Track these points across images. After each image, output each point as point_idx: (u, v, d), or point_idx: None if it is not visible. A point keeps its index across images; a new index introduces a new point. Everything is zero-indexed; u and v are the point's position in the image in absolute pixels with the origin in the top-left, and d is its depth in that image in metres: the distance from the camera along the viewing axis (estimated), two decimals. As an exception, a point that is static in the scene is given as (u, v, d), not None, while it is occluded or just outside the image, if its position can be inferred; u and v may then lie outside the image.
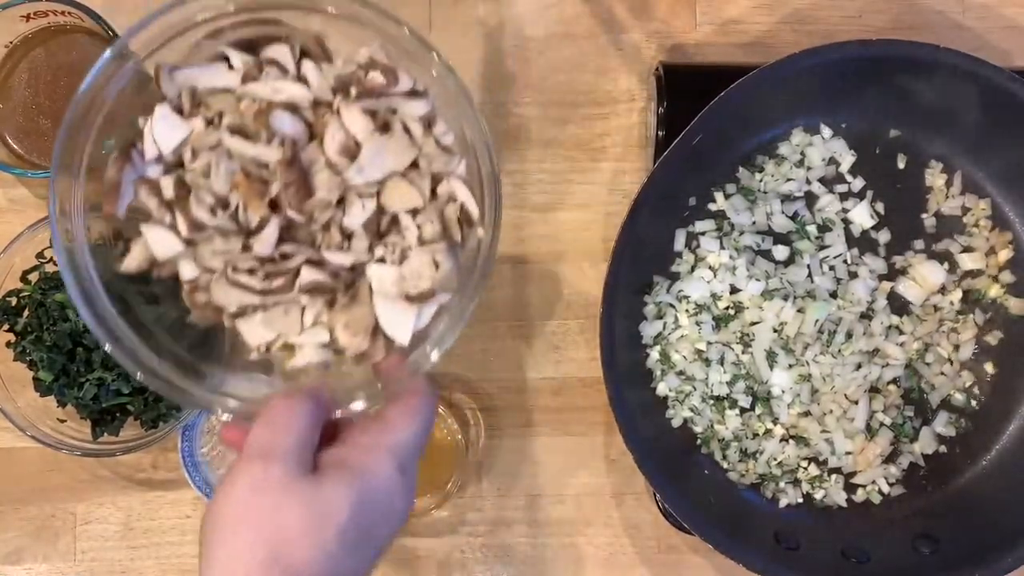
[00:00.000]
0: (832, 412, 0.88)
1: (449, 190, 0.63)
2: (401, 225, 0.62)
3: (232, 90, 0.61)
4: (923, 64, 0.82)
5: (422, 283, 0.62)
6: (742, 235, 0.88)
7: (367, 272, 0.62)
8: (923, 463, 0.89)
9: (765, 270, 0.88)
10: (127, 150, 0.61)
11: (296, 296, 0.61)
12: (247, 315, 0.62)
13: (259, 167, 0.60)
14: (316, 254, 0.61)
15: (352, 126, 0.60)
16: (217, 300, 0.61)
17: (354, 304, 0.62)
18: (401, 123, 0.62)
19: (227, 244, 0.60)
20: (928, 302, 0.89)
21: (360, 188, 0.61)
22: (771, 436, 0.88)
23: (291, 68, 0.62)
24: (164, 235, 0.61)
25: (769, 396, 0.87)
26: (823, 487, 0.88)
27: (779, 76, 0.82)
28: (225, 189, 0.60)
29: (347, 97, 0.60)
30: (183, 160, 0.61)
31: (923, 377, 0.89)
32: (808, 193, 0.89)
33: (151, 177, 0.61)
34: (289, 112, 0.60)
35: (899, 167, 0.90)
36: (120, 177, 0.60)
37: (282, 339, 0.63)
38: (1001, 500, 0.86)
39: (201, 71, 0.62)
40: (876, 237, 0.89)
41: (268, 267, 0.61)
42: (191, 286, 0.62)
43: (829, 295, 0.88)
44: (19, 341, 0.84)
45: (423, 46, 0.61)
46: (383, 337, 0.63)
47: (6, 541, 0.91)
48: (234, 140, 0.60)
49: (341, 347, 0.62)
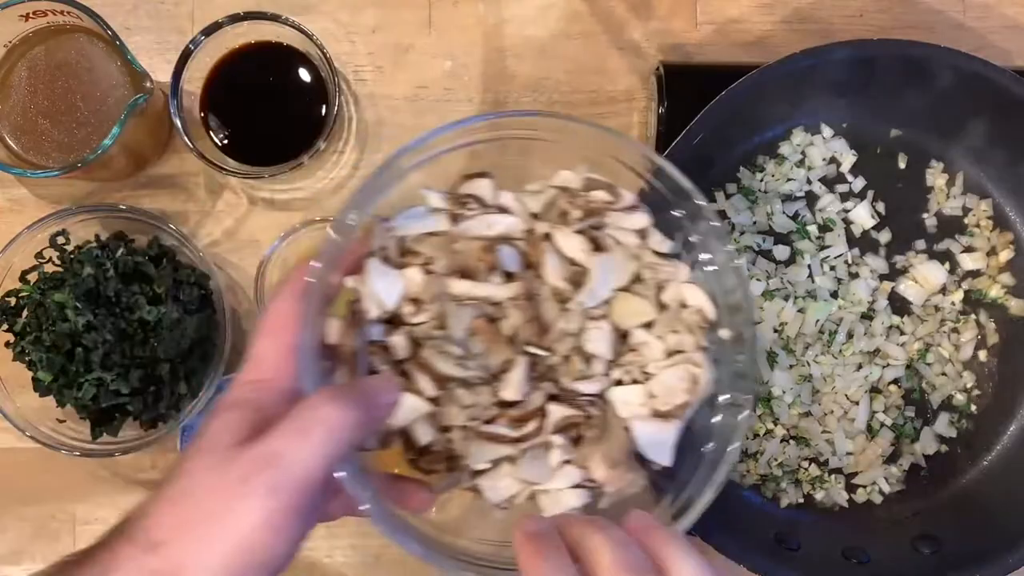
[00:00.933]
0: (833, 412, 0.88)
1: (679, 296, 0.60)
2: (635, 341, 0.59)
3: (442, 233, 0.58)
4: (924, 64, 0.82)
5: (675, 398, 0.58)
6: (743, 235, 0.88)
7: (608, 397, 0.58)
8: (924, 463, 0.88)
9: (766, 270, 0.87)
10: (352, 314, 0.57)
11: (546, 438, 0.57)
12: (494, 469, 0.58)
13: (491, 307, 0.57)
14: (559, 388, 0.58)
15: (569, 249, 0.58)
16: (464, 459, 0.57)
17: (607, 434, 0.58)
18: (612, 238, 0.60)
19: (474, 396, 0.56)
20: (929, 302, 0.89)
21: (592, 311, 0.58)
22: (772, 436, 0.87)
23: (491, 200, 0.60)
24: (405, 399, 0.56)
25: (770, 396, 0.87)
26: (824, 487, 0.88)
27: (779, 76, 0.82)
28: (465, 336, 0.56)
29: (563, 219, 0.58)
30: (403, 315, 0.57)
31: (924, 378, 0.89)
32: (809, 193, 0.89)
33: (378, 339, 0.57)
34: (508, 245, 0.58)
35: (900, 167, 0.90)
36: (354, 344, 0.56)
37: (528, 489, 0.58)
38: (1001, 500, 0.86)
39: (406, 218, 0.59)
40: (877, 237, 0.89)
41: (513, 412, 0.57)
42: (419, 453, 0.58)
43: (830, 295, 0.88)
44: (18, 341, 0.84)
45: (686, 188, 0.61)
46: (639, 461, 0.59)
47: (6, 541, 0.91)
48: (462, 284, 0.56)
49: (598, 482, 0.58)
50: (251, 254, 0.92)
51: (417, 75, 0.92)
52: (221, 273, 0.91)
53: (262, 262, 0.88)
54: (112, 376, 0.82)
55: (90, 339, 0.82)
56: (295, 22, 0.84)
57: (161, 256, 0.87)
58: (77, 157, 0.82)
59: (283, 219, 0.92)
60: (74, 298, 0.81)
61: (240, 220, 0.92)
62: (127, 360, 0.83)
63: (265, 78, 0.89)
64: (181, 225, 0.91)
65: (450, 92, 0.92)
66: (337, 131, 0.90)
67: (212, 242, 0.92)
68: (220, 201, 0.92)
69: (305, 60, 0.88)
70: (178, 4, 0.92)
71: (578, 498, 0.58)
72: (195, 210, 0.92)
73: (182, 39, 0.91)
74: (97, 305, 0.83)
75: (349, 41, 0.92)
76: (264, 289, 0.88)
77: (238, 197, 0.92)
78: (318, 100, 0.88)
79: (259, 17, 0.85)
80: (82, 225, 0.87)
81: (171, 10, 0.92)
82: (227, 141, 0.89)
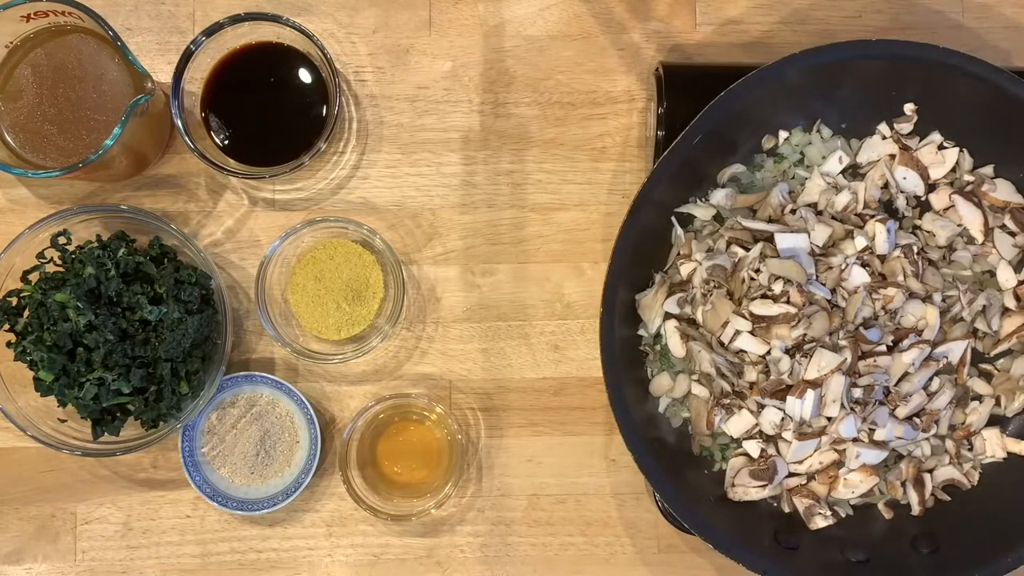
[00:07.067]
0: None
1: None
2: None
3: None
4: (923, 64, 0.82)
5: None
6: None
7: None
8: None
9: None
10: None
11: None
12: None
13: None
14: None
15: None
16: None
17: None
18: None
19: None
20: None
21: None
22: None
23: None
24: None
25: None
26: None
27: (779, 76, 0.82)
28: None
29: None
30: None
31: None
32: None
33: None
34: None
35: (899, 167, 0.90)
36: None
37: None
38: (1001, 500, 0.86)
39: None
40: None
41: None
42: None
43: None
44: (20, 341, 0.84)
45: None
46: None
47: (6, 541, 0.91)
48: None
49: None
50: (252, 254, 0.92)
51: (417, 75, 0.93)
52: (222, 273, 0.91)
53: (263, 262, 0.88)
54: (113, 376, 0.83)
55: (91, 339, 0.82)
56: (295, 23, 0.85)
57: (162, 256, 0.87)
58: (79, 157, 0.82)
59: (284, 219, 0.92)
60: (75, 298, 0.82)
61: (241, 220, 0.92)
62: (128, 360, 0.83)
63: (266, 78, 0.89)
64: (182, 225, 0.92)
65: (450, 92, 0.93)
66: (337, 131, 0.90)
67: (213, 242, 0.92)
68: (221, 201, 0.92)
69: (306, 60, 0.88)
70: (179, 5, 0.92)
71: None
72: (196, 210, 0.92)
73: (183, 40, 0.91)
74: (98, 305, 0.83)
75: (349, 42, 0.92)
76: (265, 289, 0.88)
77: (239, 197, 0.92)
78: (319, 100, 0.88)
79: (260, 18, 0.85)
80: (83, 225, 0.88)
81: (172, 11, 0.92)
82: (228, 141, 0.89)
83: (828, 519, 0.84)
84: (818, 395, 0.81)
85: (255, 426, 0.90)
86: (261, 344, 0.92)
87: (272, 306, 0.89)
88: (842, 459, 0.84)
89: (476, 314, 0.92)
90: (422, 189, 0.92)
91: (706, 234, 0.87)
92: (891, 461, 0.87)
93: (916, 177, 0.86)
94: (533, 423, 0.92)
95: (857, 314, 0.83)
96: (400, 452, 0.91)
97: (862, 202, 0.85)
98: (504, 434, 0.92)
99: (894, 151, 0.87)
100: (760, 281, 0.83)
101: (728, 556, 0.80)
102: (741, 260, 0.84)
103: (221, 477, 0.91)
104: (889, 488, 0.86)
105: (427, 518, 0.91)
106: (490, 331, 0.92)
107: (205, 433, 0.90)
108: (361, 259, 0.90)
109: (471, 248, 0.92)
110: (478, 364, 0.92)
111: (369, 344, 0.89)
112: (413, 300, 0.92)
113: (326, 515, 0.92)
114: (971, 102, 0.84)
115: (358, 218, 0.91)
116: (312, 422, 0.89)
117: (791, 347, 0.82)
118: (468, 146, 0.92)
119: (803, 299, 0.81)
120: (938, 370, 0.85)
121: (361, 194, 0.92)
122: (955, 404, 0.86)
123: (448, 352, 0.92)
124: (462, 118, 0.92)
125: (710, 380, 0.85)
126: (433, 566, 0.92)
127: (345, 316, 0.89)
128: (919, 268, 0.84)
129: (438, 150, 0.92)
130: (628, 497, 0.92)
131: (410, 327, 0.92)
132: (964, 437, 0.86)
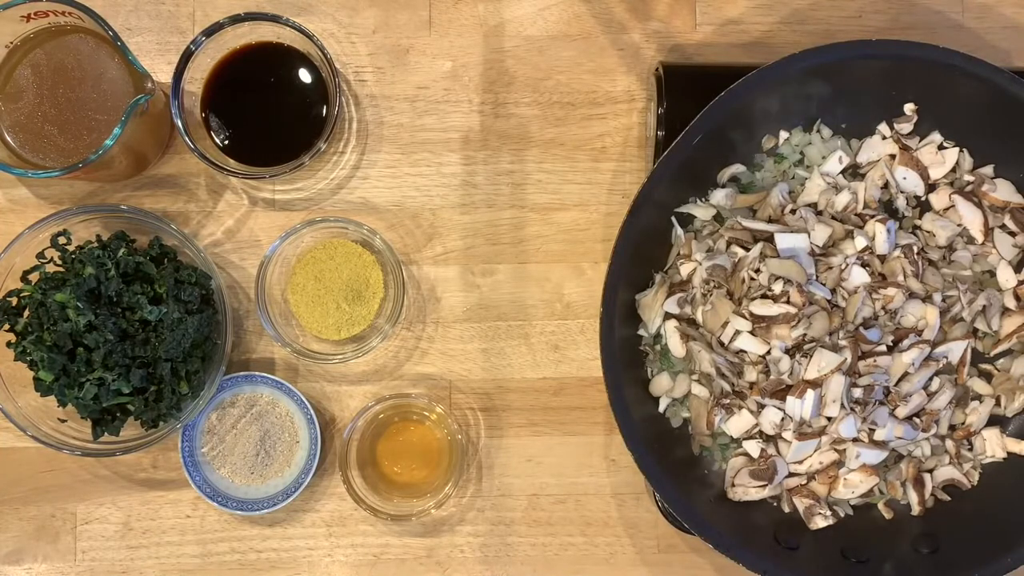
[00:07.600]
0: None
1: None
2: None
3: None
4: (923, 64, 0.82)
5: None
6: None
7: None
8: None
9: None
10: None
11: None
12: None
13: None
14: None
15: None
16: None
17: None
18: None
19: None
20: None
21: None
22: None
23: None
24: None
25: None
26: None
27: (779, 76, 0.82)
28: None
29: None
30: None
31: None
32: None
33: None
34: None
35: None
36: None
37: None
38: (1001, 500, 0.86)
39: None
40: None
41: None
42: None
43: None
44: (19, 341, 0.84)
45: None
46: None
47: (6, 541, 0.91)
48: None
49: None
50: (252, 254, 0.92)
51: (417, 75, 0.93)
52: (222, 273, 0.91)
53: (263, 262, 0.88)
54: (113, 376, 0.83)
55: (91, 339, 0.82)
56: (295, 23, 0.85)
57: (162, 256, 0.87)
58: (79, 158, 0.82)
59: (284, 219, 0.92)
60: (75, 298, 0.82)
61: (241, 220, 0.92)
62: (128, 360, 0.83)
63: (266, 79, 0.89)
64: (182, 225, 0.92)
65: (450, 92, 0.93)
66: (337, 131, 0.90)
67: (213, 242, 0.92)
68: (221, 201, 0.92)
69: (306, 61, 0.88)
70: (179, 5, 0.92)
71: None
72: (196, 210, 0.92)
73: (183, 40, 0.91)
74: (98, 305, 0.83)
75: (349, 42, 0.92)
76: (265, 289, 0.88)
77: (239, 197, 0.92)
78: (319, 101, 0.88)
79: (259, 18, 0.85)
80: (83, 225, 0.88)
81: (172, 11, 0.92)
82: (228, 141, 0.89)
83: (828, 519, 0.84)
84: (818, 395, 0.81)
85: (255, 426, 0.90)
86: (261, 344, 0.92)
87: (272, 306, 0.89)
88: (842, 459, 0.84)
89: (476, 314, 0.92)
90: (422, 189, 0.92)
91: (706, 234, 0.87)
92: (891, 461, 0.87)
93: (916, 177, 0.86)
94: (533, 423, 0.92)
95: (857, 314, 0.83)
96: (400, 452, 0.91)
97: (862, 202, 0.85)
98: (504, 434, 0.92)
99: (894, 151, 0.87)
100: (760, 281, 0.83)
101: (728, 556, 0.80)
102: (741, 260, 0.84)
103: (221, 477, 0.91)
104: (889, 488, 0.86)
105: (427, 518, 0.91)
106: (490, 331, 0.92)
107: (205, 433, 0.90)
108: (361, 259, 0.90)
109: (471, 248, 0.92)
110: (478, 364, 0.92)
111: (369, 344, 0.89)
112: (413, 300, 0.92)
113: (326, 515, 0.92)
114: (971, 102, 0.84)
115: (358, 218, 0.91)
116: (312, 422, 0.89)
117: (791, 347, 0.82)
118: (468, 146, 0.93)
119: (803, 299, 0.81)
120: (938, 370, 0.85)
121: (361, 194, 0.92)
122: (955, 404, 0.86)
123: (448, 352, 0.92)
124: (462, 118, 0.93)
125: (710, 380, 0.85)
126: (433, 566, 0.92)
127: (345, 316, 0.89)
128: (919, 268, 0.84)
129: (438, 150, 0.92)
130: (628, 497, 0.92)
131: (410, 327, 0.92)
132: (964, 437, 0.86)
